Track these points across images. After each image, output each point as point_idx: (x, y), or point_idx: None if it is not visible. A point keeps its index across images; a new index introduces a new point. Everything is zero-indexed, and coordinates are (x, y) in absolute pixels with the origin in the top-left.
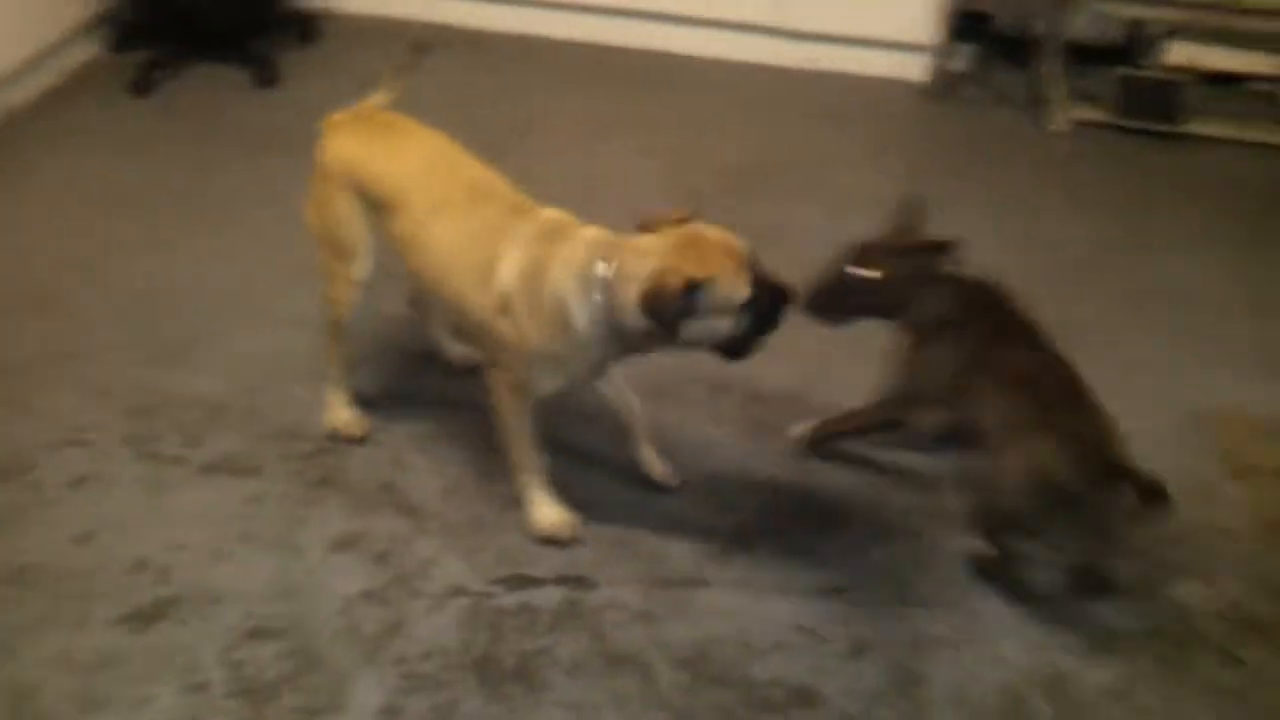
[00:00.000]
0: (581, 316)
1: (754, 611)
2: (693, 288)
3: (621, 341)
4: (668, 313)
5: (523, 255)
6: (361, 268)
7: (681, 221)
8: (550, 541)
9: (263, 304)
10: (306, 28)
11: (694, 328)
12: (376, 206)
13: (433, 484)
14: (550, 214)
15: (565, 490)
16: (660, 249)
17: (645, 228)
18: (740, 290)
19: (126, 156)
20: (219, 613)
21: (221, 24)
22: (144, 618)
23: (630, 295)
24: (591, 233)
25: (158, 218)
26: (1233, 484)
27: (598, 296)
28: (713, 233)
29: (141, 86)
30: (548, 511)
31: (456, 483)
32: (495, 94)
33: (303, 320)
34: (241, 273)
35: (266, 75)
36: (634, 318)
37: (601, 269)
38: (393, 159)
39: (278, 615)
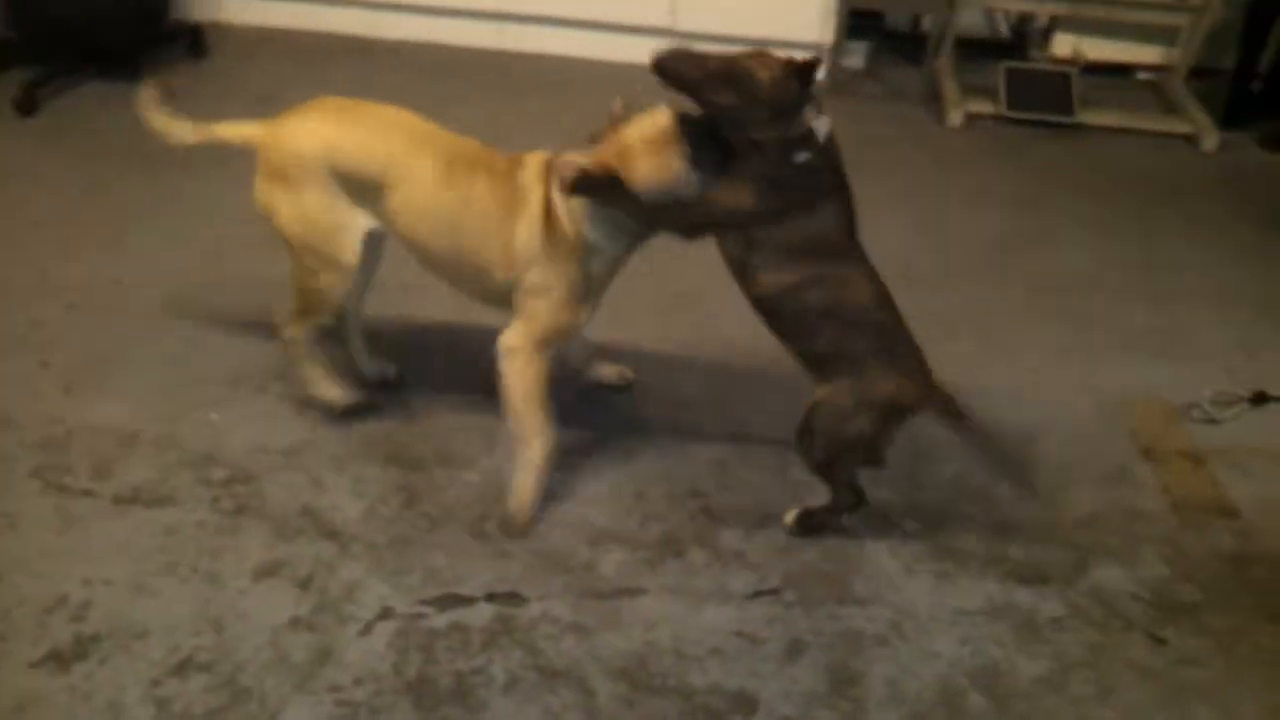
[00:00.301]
0: (596, 229)
1: (688, 618)
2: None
3: (627, 237)
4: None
5: (535, 206)
6: (352, 253)
7: (620, 121)
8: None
9: (167, 325)
10: (196, 41)
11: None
12: (362, 190)
13: (354, 505)
14: (534, 156)
15: (493, 505)
16: (637, 137)
17: (596, 138)
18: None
19: (14, 177)
20: (143, 648)
21: (109, 39)
22: (64, 658)
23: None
24: (571, 155)
25: (52, 239)
26: (1144, 466)
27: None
28: (643, 122)
29: (25, 106)
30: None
31: (378, 503)
32: (387, 101)
33: (209, 343)
34: (143, 294)
35: None
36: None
37: None
38: (373, 138)
39: (204, 648)
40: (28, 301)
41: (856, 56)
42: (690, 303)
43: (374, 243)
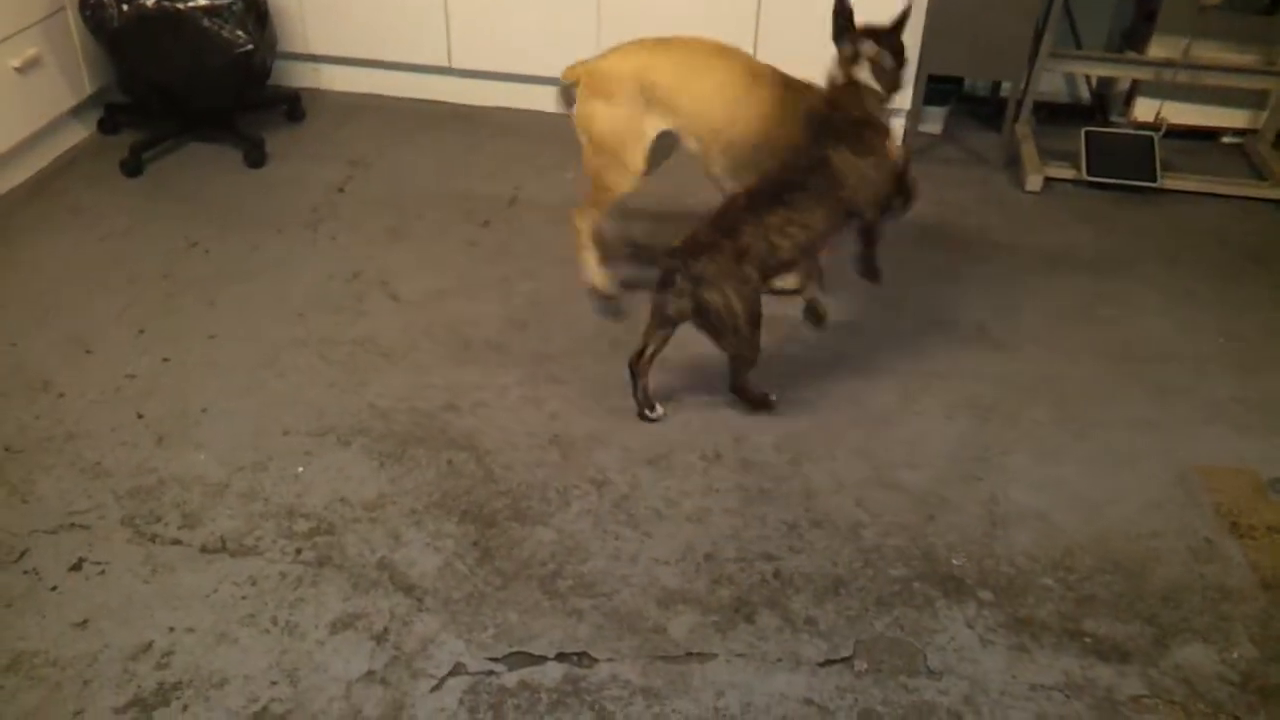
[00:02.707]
0: None
1: (758, 685)
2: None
3: None
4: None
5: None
6: (642, 158)
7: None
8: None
9: (258, 380)
10: (293, 107)
11: None
12: (659, 99)
13: (430, 560)
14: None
15: (566, 563)
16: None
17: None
18: None
19: (118, 236)
20: (221, 697)
21: (210, 105)
22: (146, 705)
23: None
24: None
25: (150, 296)
26: (1232, 542)
27: None
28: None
29: (131, 167)
30: None
31: (454, 558)
32: (481, 167)
33: (297, 397)
34: (236, 349)
35: (255, 155)
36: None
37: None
38: (672, 58)
39: (280, 699)
40: (125, 355)
41: (935, 121)
42: (763, 363)
43: (662, 144)
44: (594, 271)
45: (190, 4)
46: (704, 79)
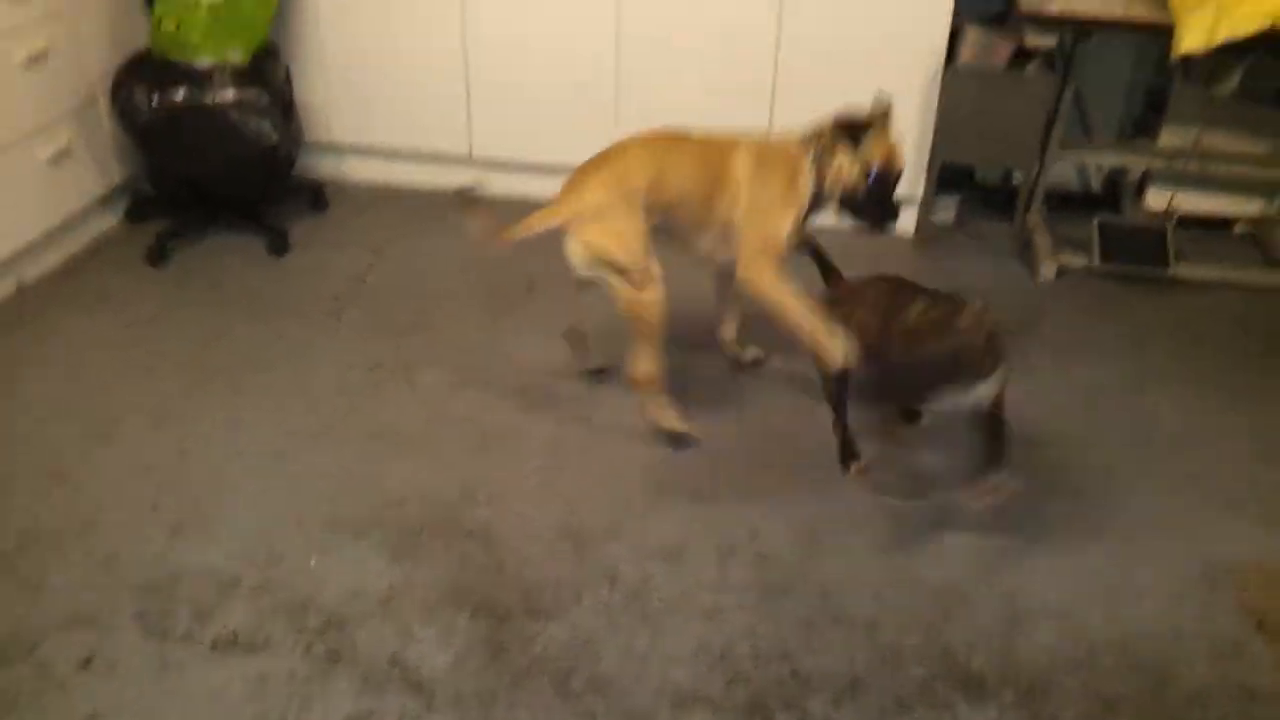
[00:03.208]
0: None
1: None
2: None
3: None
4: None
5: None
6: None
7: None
8: None
9: (275, 471)
10: (317, 197)
11: None
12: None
13: (441, 656)
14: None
15: (578, 660)
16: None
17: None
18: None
19: (141, 325)
20: None
21: (235, 196)
22: None
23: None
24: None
25: (171, 385)
26: (1258, 640)
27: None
28: None
29: (157, 256)
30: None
31: (465, 654)
32: (500, 256)
33: (316, 489)
34: (254, 439)
35: (278, 244)
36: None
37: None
38: (655, 162)
39: None
40: (142, 445)
41: (947, 210)
42: (773, 455)
43: None
44: (672, 418)
45: (219, 99)
46: (680, 164)
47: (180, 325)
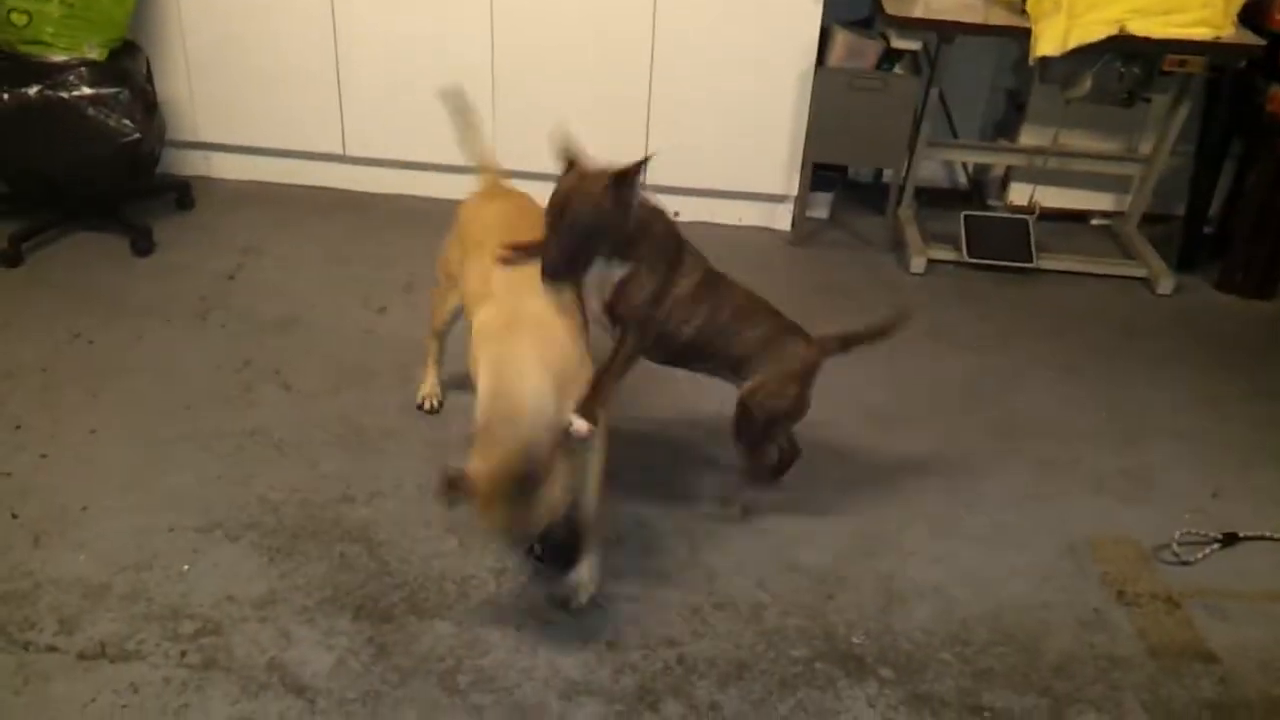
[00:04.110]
0: None
1: None
2: None
3: None
4: None
5: None
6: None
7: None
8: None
9: (142, 476)
10: (183, 195)
11: None
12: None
13: (323, 659)
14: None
15: (468, 653)
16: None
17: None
18: None
19: None
20: None
21: (96, 193)
22: None
23: None
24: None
25: (27, 390)
26: (1119, 609)
27: None
28: None
29: (11, 258)
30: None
31: (348, 655)
32: (376, 253)
33: (183, 492)
34: (118, 443)
35: (142, 243)
36: None
37: None
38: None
39: None
40: (0, 452)
41: (821, 207)
42: (655, 454)
43: None
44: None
45: (75, 93)
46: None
47: (37, 329)
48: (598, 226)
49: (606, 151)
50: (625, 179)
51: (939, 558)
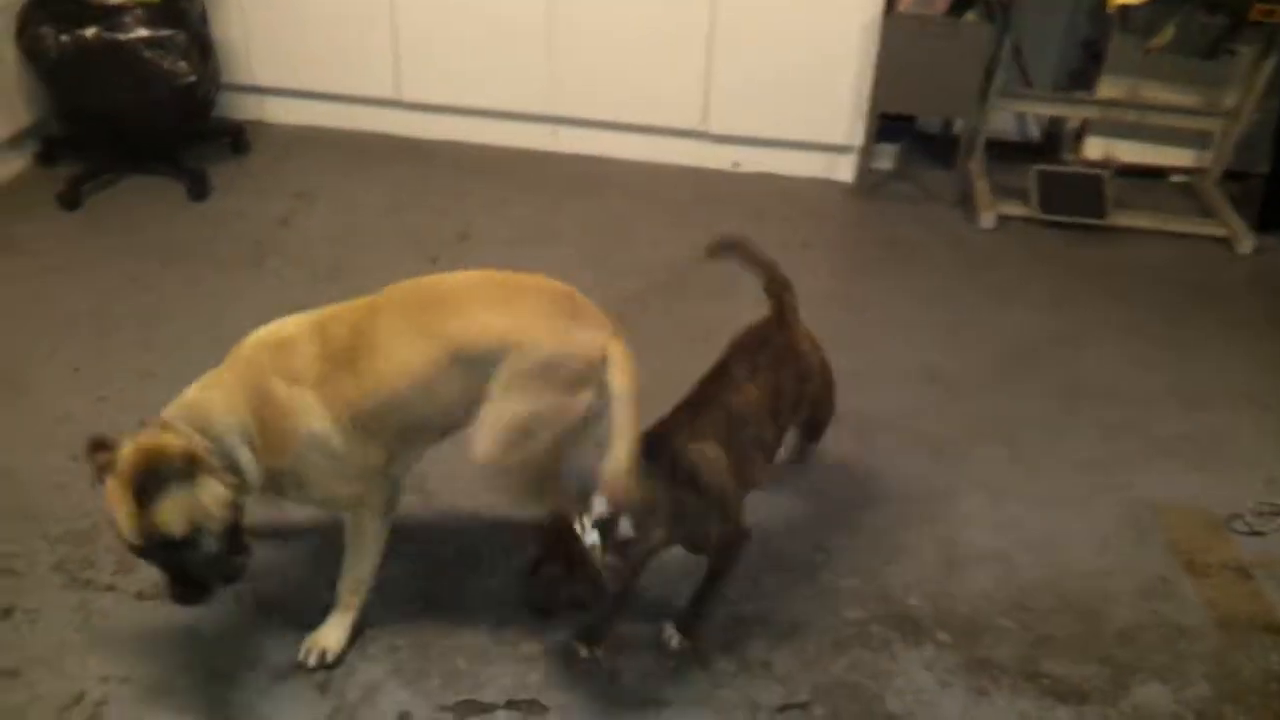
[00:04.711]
0: None
1: None
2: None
3: None
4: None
5: None
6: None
7: None
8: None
9: None
10: (238, 139)
11: None
12: None
13: (375, 606)
14: None
15: (515, 610)
16: None
17: None
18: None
19: (53, 271)
20: None
21: (151, 137)
22: None
23: None
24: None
25: (86, 333)
26: (1186, 579)
27: None
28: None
29: (69, 200)
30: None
31: (400, 604)
32: (432, 201)
33: None
34: (174, 387)
35: (198, 188)
36: None
37: None
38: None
39: None
40: (59, 395)
41: (887, 158)
42: None
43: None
44: None
45: (132, 35)
46: None
47: (94, 272)
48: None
49: (664, 99)
50: (610, 538)
51: (1000, 522)
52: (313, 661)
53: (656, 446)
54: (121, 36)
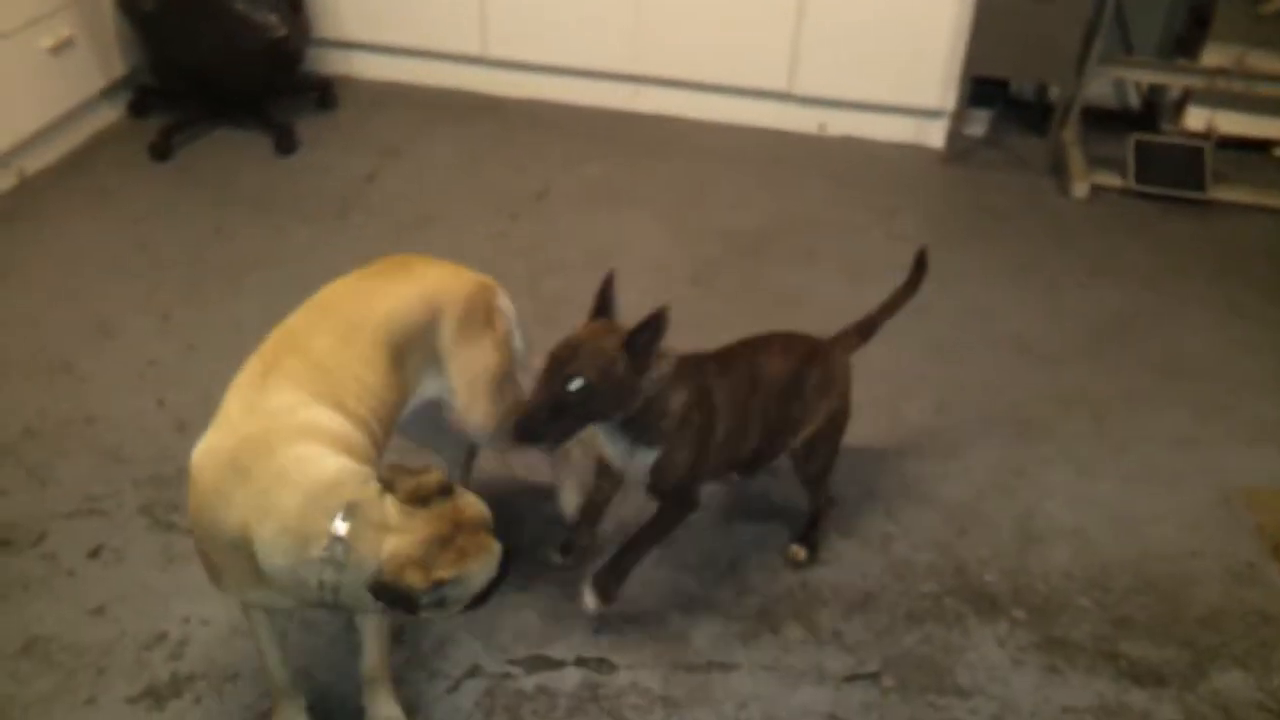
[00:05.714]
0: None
1: (781, 698)
2: (439, 584)
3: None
4: (407, 605)
5: None
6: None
7: (438, 489)
8: None
9: None
10: (325, 94)
11: (433, 610)
12: None
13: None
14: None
15: (587, 568)
16: (410, 531)
17: (388, 485)
18: (488, 572)
19: (144, 220)
20: (234, 690)
21: (241, 90)
22: (159, 695)
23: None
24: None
25: (175, 281)
26: (1274, 566)
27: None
28: (470, 509)
29: (160, 151)
30: None
31: None
32: (512, 159)
33: None
34: (259, 336)
35: (285, 141)
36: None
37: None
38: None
39: None
40: (148, 341)
41: (979, 124)
42: None
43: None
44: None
45: None
46: None
47: (184, 222)
48: (600, 393)
49: (749, 60)
50: (639, 340)
51: (1082, 499)
52: None
53: (685, 363)
54: None
